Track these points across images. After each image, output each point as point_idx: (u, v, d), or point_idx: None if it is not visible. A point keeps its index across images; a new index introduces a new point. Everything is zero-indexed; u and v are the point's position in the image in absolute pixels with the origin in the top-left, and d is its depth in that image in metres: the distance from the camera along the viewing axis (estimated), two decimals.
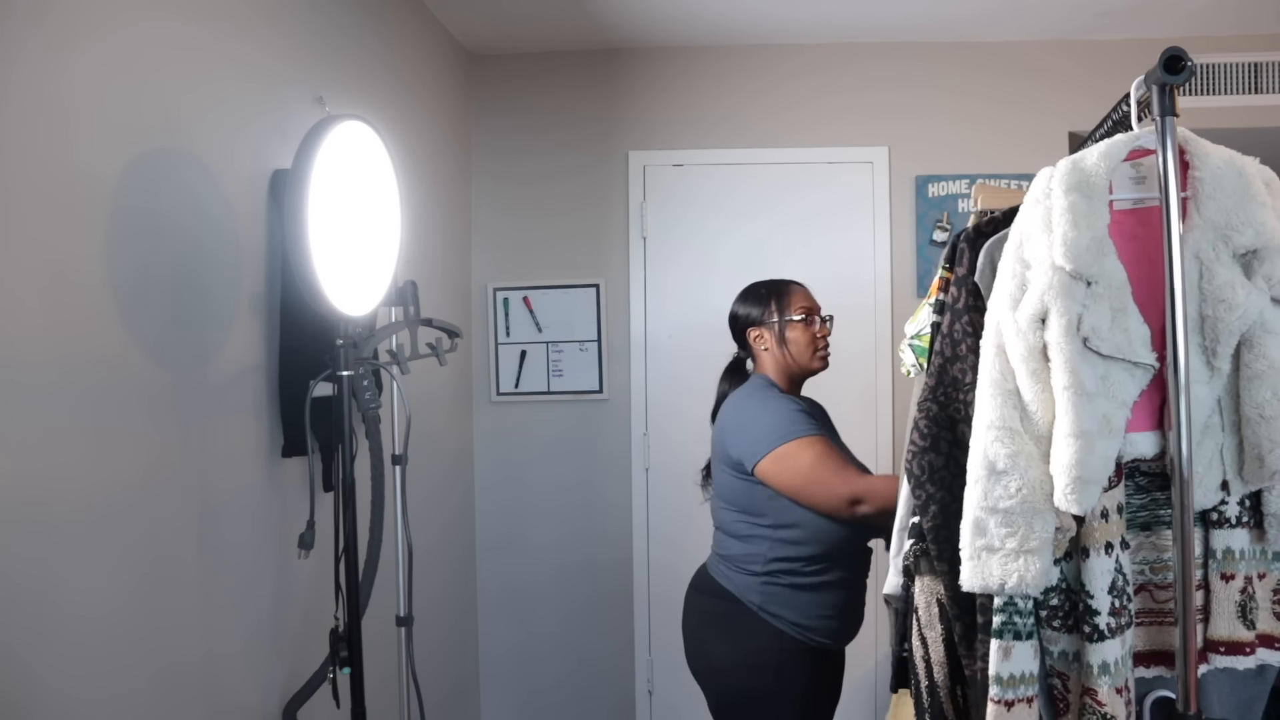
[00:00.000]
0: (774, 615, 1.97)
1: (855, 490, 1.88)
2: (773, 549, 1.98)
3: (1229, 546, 1.28)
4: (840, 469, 1.91)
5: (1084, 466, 1.17)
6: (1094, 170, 1.23)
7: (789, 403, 2.01)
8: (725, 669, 2.02)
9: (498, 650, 3.31)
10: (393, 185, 1.77)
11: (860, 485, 1.88)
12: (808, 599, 1.97)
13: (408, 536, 1.95)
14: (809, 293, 2.17)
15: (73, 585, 1.26)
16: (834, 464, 1.91)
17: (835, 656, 2.08)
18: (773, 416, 1.97)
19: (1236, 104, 3.11)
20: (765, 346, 2.11)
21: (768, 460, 1.93)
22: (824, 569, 1.97)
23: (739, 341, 2.19)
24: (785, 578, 1.97)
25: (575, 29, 3.07)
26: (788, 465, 1.92)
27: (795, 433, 1.93)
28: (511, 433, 3.28)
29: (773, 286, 2.16)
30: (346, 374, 1.62)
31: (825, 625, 1.99)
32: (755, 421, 1.99)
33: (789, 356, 2.09)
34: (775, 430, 1.94)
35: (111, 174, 1.35)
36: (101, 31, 1.34)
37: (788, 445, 1.92)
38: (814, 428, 1.96)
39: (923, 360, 1.76)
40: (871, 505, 1.87)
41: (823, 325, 2.12)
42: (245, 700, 1.69)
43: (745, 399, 2.06)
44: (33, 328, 1.20)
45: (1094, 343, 1.19)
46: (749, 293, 2.19)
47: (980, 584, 1.24)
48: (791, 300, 2.11)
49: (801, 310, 2.10)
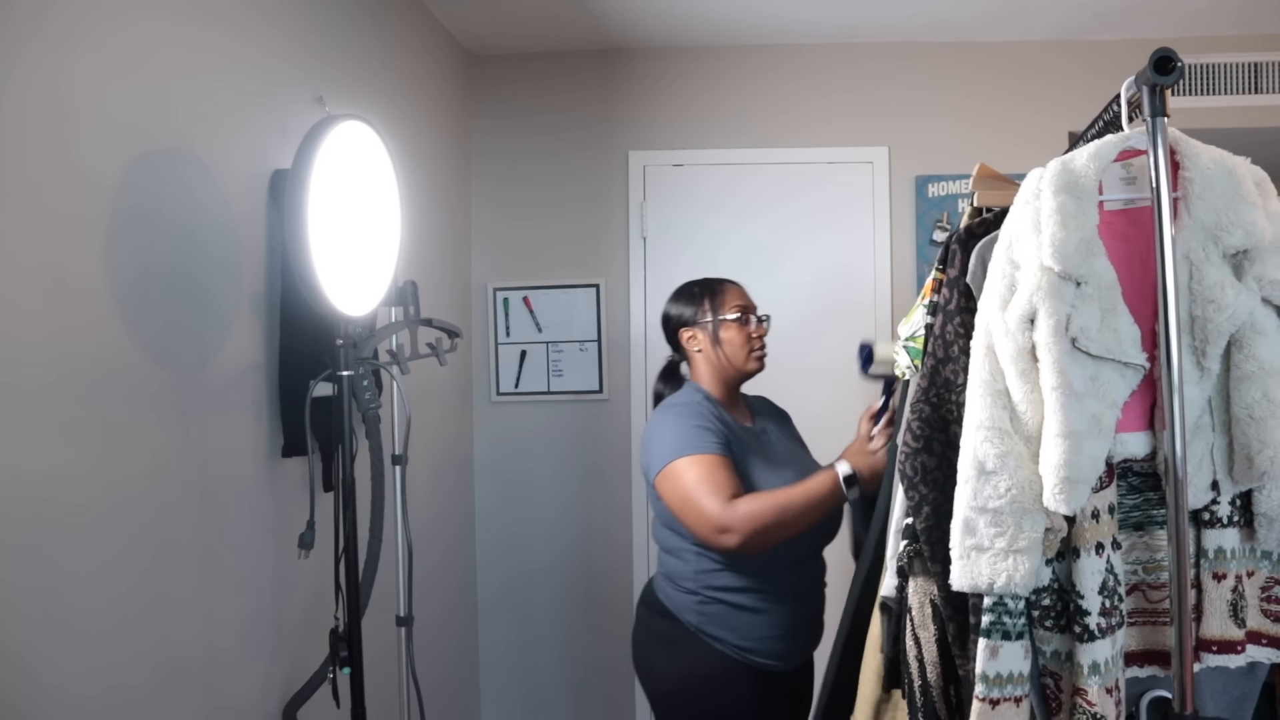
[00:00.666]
0: (712, 636, 1.87)
1: (723, 519, 1.73)
2: (699, 563, 1.89)
3: (1220, 546, 1.29)
4: (715, 492, 1.75)
5: (1072, 466, 1.17)
6: (1083, 171, 1.24)
7: (698, 416, 1.88)
8: (669, 690, 1.95)
9: (498, 650, 3.32)
10: (393, 185, 1.78)
11: (728, 514, 1.73)
12: (747, 619, 1.86)
13: (408, 536, 1.96)
14: (744, 291, 2.07)
15: (73, 583, 1.27)
16: (710, 487, 1.76)
17: (790, 676, 1.96)
18: (673, 430, 1.86)
19: (1236, 104, 3.11)
20: (699, 348, 2.02)
21: (661, 476, 1.84)
22: (754, 585, 1.87)
23: (672, 344, 2.10)
24: (720, 594, 1.87)
25: (575, 29, 3.07)
26: (670, 484, 1.82)
27: (687, 449, 1.82)
28: (511, 433, 3.29)
29: (706, 285, 2.06)
30: (346, 374, 1.63)
31: (770, 646, 1.88)
32: (660, 434, 1.89)
33: (723, 357, 1.99)
34: (672, 445, 1.84)
35: (112, 174, 1.36)
36: (102, 31, 1.35)
37: (678, 461, 1.81)
38: (712, 444, 1.83)
39: (917, 362, 1.76)
40: (738, 536, 1.74)
41: (759, 325, 2.03)
42: (245, 700, 1.70)
43: (663, 410, 1.97)
44: (33, 327, 1.21)
45: (1083, 343, 1.20)
46: (681, 291, 2.08)
47: (969, 583, 1.25)
48: (726, 299, 2.01)
49: (736, 309, 2.00)
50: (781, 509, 1.75)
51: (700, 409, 1.91)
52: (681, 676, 1.91)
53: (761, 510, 1.74)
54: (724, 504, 1.75)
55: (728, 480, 1.79)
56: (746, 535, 1.73)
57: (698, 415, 1.89)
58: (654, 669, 1.98)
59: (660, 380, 2.13)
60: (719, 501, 1.75)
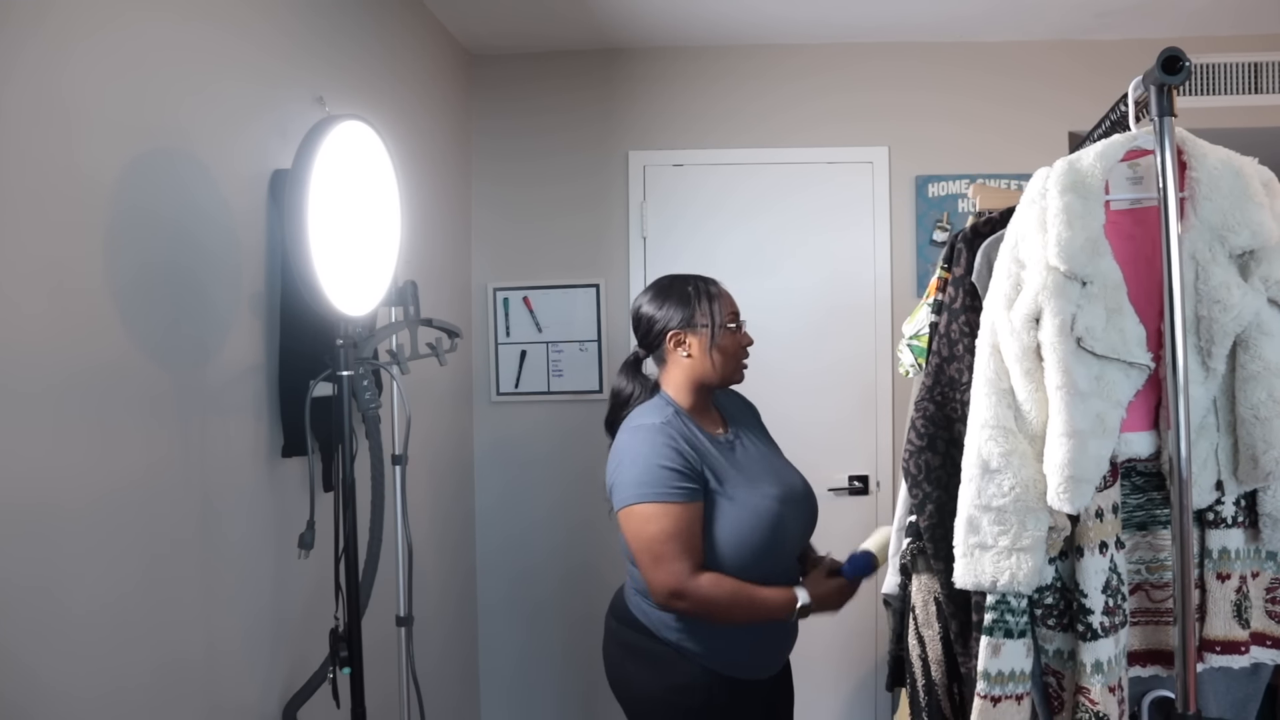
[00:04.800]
0: (690, 652, 1.82)
1: (681, 589, 1.73)
2: None
3: (1225, 546, 1.28)
4: (679, 556, 1.73)
5: (1076, 465, 1.17)
6: (1090, 171, 1.24)
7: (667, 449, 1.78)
8: (647, 705, 1.90)
9: (498, 650, 3.31)
10: (393, 185, 1.78)
11: (688, 586, 1.72)
12: (726, 633, 1.82)
13: (408, 536, 1.96)
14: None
15: (74, 584, 1.27)
16: (675, 548, 1.73)
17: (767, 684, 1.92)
18: (643, 466, 1.77)
19: (1236, 104, 3.11)
20: (688, 353, 1.89)
21: (624, 513, 1.79)
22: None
23: (651, 344, 1.95)
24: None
25: (575, 29, 3.07)
26: (634, 527, 1.77)
27: (656, 495, 1.75)
28: (511, 433, 3.28)
29: (700, 286, 1.92)
30: (346, 374, 1.62)
31: (748, 659, 1.86)
32: (630, 463, 1.80)
33: (713, 366, 1.89)
34: (640, 484, 1.76)
35: (111, 174, 1.36)
36: (101, 31, 1.34)
37: (644, 506, 1.75)
38: (680, 491, 1.75)
39: (921, 360, 1.76)
40: (687, 606, 1.74)
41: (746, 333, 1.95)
42: (245, 700, 1.69)
43: (637, 428, 1.85)
44: (33, 327, 1.21)
45: (1088, 343, 1.19)
46: (668, 291, 1.93)
47: (973, 581, 1.25)
48: (724, 304, 1.91)
49: (732, 316, 1.92)
50: (735, 605, 1.76)
51: (670, 433, 1.82)
52: (660, 691, 1.86)
53: (718, 598, 1.74)
54: (688, 574, 1.73)
55: (694, 540, 1.76)
56: (695, 610, 1.76)
57: (668, 444, 1.79)
58: (630, 683, 1.93)
59: (623, 375, 2.00)
60: (683, 568, 1.73)
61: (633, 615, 1.90)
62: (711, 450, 1.86)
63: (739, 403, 2.12)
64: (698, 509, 1.78)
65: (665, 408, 1.88)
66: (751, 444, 1.97)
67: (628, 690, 1.94)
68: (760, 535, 1.78)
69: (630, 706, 1.95)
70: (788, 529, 1.84)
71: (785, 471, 1.94)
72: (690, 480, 1.77)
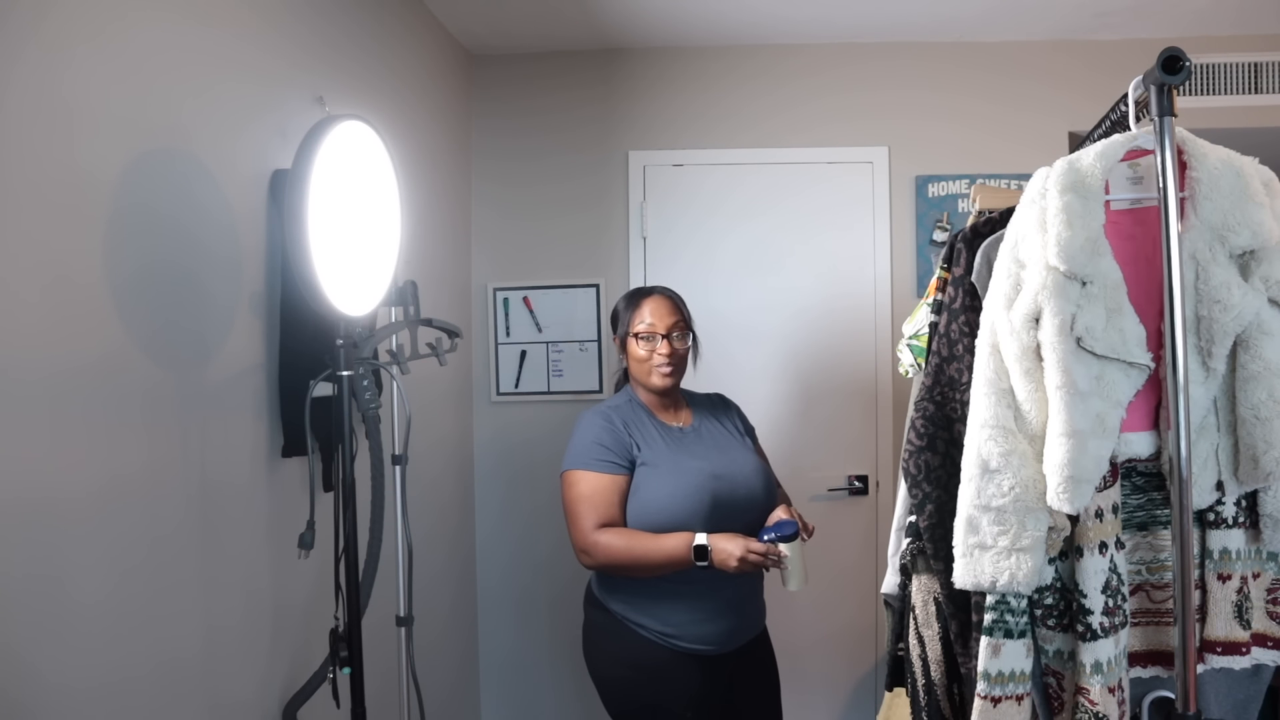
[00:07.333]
0: (636, 624, 1.95)
1: (585, 542, 1.92)
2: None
3: (1226, 547, 1.28)
4: (587, 515, 1.93)
5: (1076, 465, 1.17)
6: (1090, 170, 1.24)
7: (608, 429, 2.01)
8: (612, 681, 2.02)
9: (498, 650, 3.31)
10: (393, 185, 1.77)
11: (591, 539, 1.91)
12: (667, 605, 1.93)
13: (408, 536, 1.96)
14: (667, 307, 2.09)
15: (73, 582, 1.27)
16: (586, 509, 1.93)
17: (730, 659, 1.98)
18: (579, 438, 2.02)
19: (1236, 104, 3.11)
20: (625, 358, 2.14)
21: (563, 478, 2.01)
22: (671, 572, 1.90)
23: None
24: (637, 582, 1.96)
25: (575, 29, 3.07)
26: (565, 489, 2.00)
27: (580, 463, 1.98)
28: (511, 433, 3.28)
29: (633, 295, 2.14)
30: (346, 374, 1.62)
31: (694, 631, 1.93)
32: (576, 435, 2.05)
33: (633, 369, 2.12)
34: (572, 452, 2.01)
35: (112, 174, 1.36)
36: (102, 32, 1.34)
37: (574, 472, 1.99)
38: (607, 464, 1.96)
39: (921, 360, 1.76)
40: (593, 561, 1.92)
41: (665, 342, 2.05)
42: (245, 699, 1.69)
43: (592, 412, 2.09)
44: (33, 326, 1.21)
45: (1088, 343, 1.19)
46: (622, 300, 2.18)
47: (972, 581, 1.25)
48: (636, 314, 2.09)
49: (644, 325, 2.07)
50: (635, 555, 1.89)
51: (610, 415, 2.04)
52: (614, 665, 1.99)
53: (617, 549, 1.90)
54: (592, 528, 1.92)
55: (606, 504, 1.94)
56: (600, 563, 1.93)
57: (604, 425, 2.02)
58: (593, 659, 2.07)
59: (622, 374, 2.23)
60: (589, 525, 1.92)
61: (592, 593, 2.08)
62: (655, 435, 2.04)
63: (716, 403, 2.26)
64: (618, 480, 1.97)
65: (620, 398, 2.13)
66: (710, 435, 2.11)
67: (592, 667, 2.07)
68: (682, 500, 1.91)
69: (599, 687, 2.05)
70: (719, 500, 1.93)
71: (735, 455, 2.06)
72: (615, 455, 1.98)
